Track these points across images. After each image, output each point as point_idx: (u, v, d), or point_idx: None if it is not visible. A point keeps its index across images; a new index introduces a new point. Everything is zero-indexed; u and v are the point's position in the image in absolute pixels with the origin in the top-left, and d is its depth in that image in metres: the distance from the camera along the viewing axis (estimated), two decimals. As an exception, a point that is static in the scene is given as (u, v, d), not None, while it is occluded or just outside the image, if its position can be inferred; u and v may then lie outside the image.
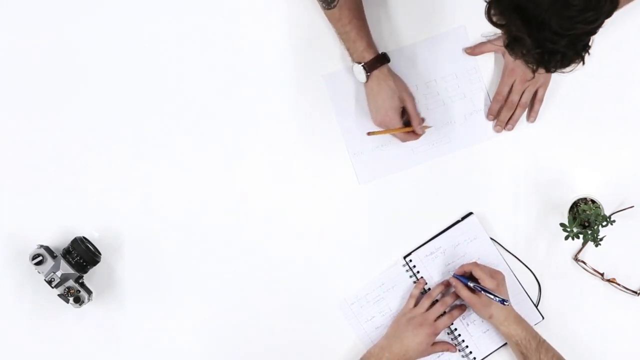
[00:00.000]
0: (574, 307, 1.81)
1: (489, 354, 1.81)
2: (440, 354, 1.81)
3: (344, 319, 1.82)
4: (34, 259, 1.73)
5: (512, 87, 1.79)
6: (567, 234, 1.69)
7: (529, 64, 1.34)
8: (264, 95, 1.83)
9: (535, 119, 1.82)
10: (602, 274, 1.79)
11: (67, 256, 1.75)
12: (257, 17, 1.83)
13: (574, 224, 1.69)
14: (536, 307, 1.81)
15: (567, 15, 1.25)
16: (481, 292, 1.73)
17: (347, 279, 1.82)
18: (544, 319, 1.81)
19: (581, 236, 1.69)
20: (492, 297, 1.71)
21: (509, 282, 1.78)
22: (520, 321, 1.74)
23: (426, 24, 1.82)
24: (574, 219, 1.74)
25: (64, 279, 1.74)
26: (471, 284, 1.75)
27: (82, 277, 1.77)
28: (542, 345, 1.72)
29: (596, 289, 1.81)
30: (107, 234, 1.82)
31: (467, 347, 1.80)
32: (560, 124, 1.83)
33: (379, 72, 1.73)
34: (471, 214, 1.82)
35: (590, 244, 1.71)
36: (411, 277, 1.82)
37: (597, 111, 1.83)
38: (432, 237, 1.82)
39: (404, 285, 1.82)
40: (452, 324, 1.80)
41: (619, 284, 1.79)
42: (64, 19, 1.83)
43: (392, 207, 1.83)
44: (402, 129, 1.76)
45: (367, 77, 1.73)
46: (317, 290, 1.82)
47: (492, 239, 1.82)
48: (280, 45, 1.83)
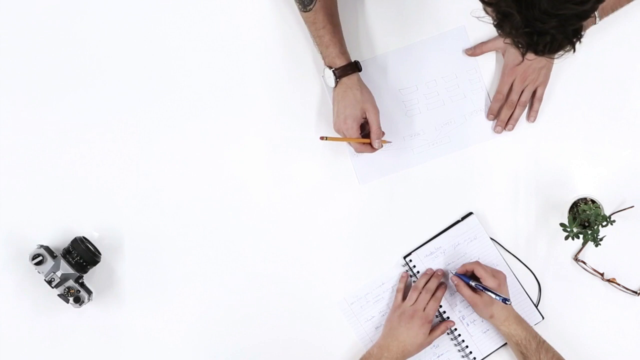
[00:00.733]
0: (574, 307, 1.81)
1: (489, 354, 1.81)
2: (439, 354, 1.81)
3: (344, 319, 1.82)
4: (34, 259, 1.73)
5: (511, 86, 1.79)
6: (567, 234, 1.69)
7: (519, 46, 1.33)
8: (264, 95, 1.83)
9: (535, 119, 1.82)
10: (602, 274, 1.79)
11: (67, 256, 1.75)
12: (258, 16, 1.83)
13: (574, 224, 1.69)
14: (536, 307, 1.81)
15: None
16: (483, 291, 1.73)
17: (347, 279, 1.82)
18: (544, 319, 1.81)
19: (581, 236, 1.69)
20: (494, 296, 1.71)
21: (509, 282, 1.78)
22: (520, 321, 1.74)
23: (426, 24, 1.82)
24: (574, 219, 1.74)
25: (64, 279, 1.74)
26: (473, 283, 1.75)
27: (82, 277, 1.77)
28: (542, 345, 1.72)
29: (596, 289, 1.81)
30: (107, 234, 1.82)
31: (467, 347, 1.80)
32: (560, 124, 1.83)
33: (347, 80, 1.73)
34: (471, 214, 1.82)
35: (590, 244, 1.71)
36: (411, 276, 1.82)
37: (597, 111, 1.82)
38: (432, 237, 1.82)
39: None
40: (449, 318, 1.80)
41: (619, 284, 1.79)
42: (56, 22, 1.83)
43: (392, 207, 1.83)
44: (358, 139, 1.74)
45: (336, 82, 1.73)
46: (317, 289, 1.82)
47: (492, 239, 1.82)
48: (281, 44, 1.83)
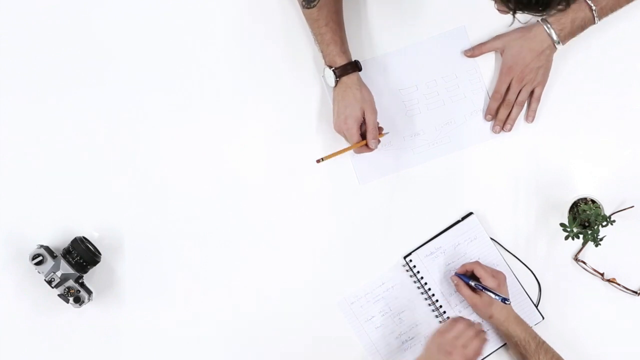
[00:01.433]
0: (574, 307, 1.81)
1: (489, 354, 1.80)
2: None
3: (343, 319, 1.82)
4: (34, 259, 1.73)
5: (509, 85, 1.79)
6: (567, 234, 1.69)
7: (508, 3, 1.32)
8: (264, 95, 1.83)
9: (533, 119, 1.82)
10: (602, 274, 1.79)
11: (67, 256, 1.75)
12: (258, 16, 1.83)
13: (574, 224, 1.69)
14: (536, 307, 1.81)
15: None
16: (482, 290, 1.73)
17: (347, 279, 1.82)
18: (544, 319, 1.81)
19: (581, 236, 1.69)
20: (494, 295, 1.71)
21: (509, 282, 1.78)
22: (520, 322, 1.74)
23: (426, 24, 1.82)
24: (574, 219, 1.74)
25: (64, 279, 1.74)
26: (472, 283, 1.75)
27: (82, 277, 1.77)
28: (541, 346, 1.72)
29: (596, 289, 1.81)
30: (107, 234, 1.82)
31: (467, 347, 1.81)
32: (560, 124, 1.83)
33: (347, 79, 1.73)
34: (471, 214, 1.82)
35: (590, 244, 1.71)
36: (411, 276, 1.82)
37: (597, 111, 1.82)
38: (432, 237, 1.82)
39: (404, 285, 1.82)
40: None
41: (619, 284, 1.79)
42: (54, 23, 1.83)
43: (392, 207, 1.83)
44: (355, 145, 1.74)
45: (336, 82, 1.73)
46: (317, 289, 1.82)
47: (492, 239, 1.82)
48: (281, 44, 1.83)
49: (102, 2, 1.83)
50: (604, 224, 1.70)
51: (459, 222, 1.82)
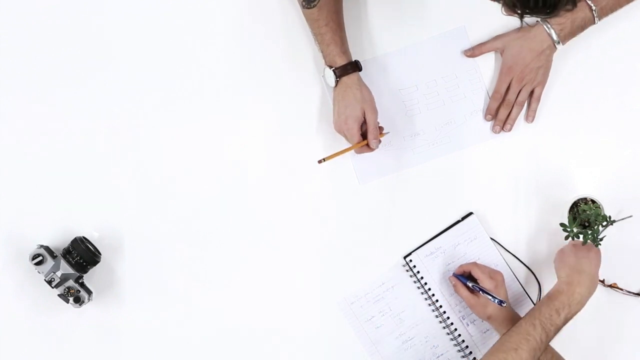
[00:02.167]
0: (573, 307, 1.81)
1: (489, 354, 1.81)
2: (439, 354, 1.81)
3: (343, 319, 1.82)
4: (34, 259, 1.73)
5: (509, 85, 1.79)
6: (567, 234, 1.69)
7: (514, 7, 1.32)
8: (264, 95, 1.83)
9: (533, 119, 1.82)
10: (602, 281, 1.78)
11: (67, 256, 1.75)
12: (258, 15, 1.83)
13: (574, 224, 1.69)
14: (536, 307, 1.81)
15: None
16: (479, 292, 1.73)
17: (347, 279, 1.82)
18: (544, 319, 1.81)
19: (581, 236, 1.69)
20: (490, 298, 1.71)
21: (509, 282, 1.78)
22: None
23: (426, 24, 1.82)
24: (574, 219, 1.74)
25: (64, 279, 1.74)
26: (470, 284, 1.75)
27: (82, 277, 1.77)
28: (541, 346, 1.72)
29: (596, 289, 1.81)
30: (107, 234, 1.82)
31: (467, 347, 1.80)
32: (560, 124, 1.83)
33: (347, 79, 1.72)
34: (471, 214, 1.82)
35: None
36: (411, 276, 1.82)
37: (597, 111, 1.82)
38: (432, 237, 1.82)
39: (404, 285, 1.82)
40: (452, 323, 1.79)
41: (621, 289, 1.79)
42: (53, 23, 1.83)
43: (392, 207, 1.83)
44: (356, 145, 1.74)
45: (336, 82, 1.73)
46: (317, 289, 1.82)
47: (492, 239, 1.82)
48: (281, 44, 1.83)
49: (102, 2, 1.83)
50: (604, 224, 1.70)
51: (459, 222, 1.82)
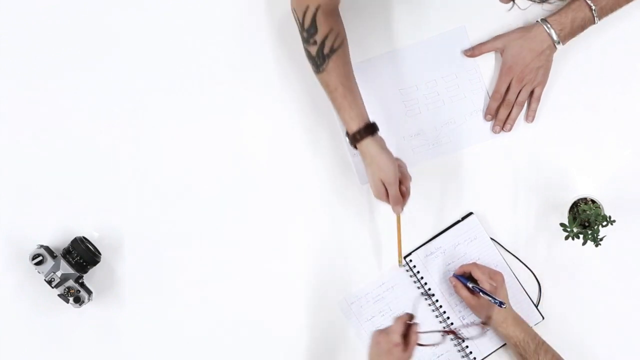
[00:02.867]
0: (574, 307, 1.81)
1: (489, 354, 1.81)
2: (439, 354, 1.81)
3: (343, 319, 1.82)
4: (34, 259, 1.74)
5: (509, 85, 1.79)
6: (567, 234, 1.69)
7: None
8: (264, 95, 1.83)
9: (533, 119, 1.82)
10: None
11: (67, 256, 1.75)
12: (261, 15, 1.83)
13: (574, 224, 1.69)
14: (536, 307, 1.81)
15: None
16: (479, 293, 1.73)
17: (347, 279, 1.82)
18: (544, 319, 1.81)
19: (581, 236, 1.69)
20: (490, 299, 1.71)
21: (509, 282, 1.78)
22: (519, 322, 1.74)
23: (426, 24, 1.82)
24: (574, 219, 1.74)
25: (64, 279, 1.74)
26: (470, 285, 1.75)
27: (82, 277, 1.77)
28: (541, 347, 1.72)
29: (596, 289, 1.81)
30: (107, 234, 1.82)
31: (467, 347, 1.80)
32: (560, 124, 1.83)
33: (362, 147, 1.67)
34: (471, 214, 1.82)
35: (590, 244, 1.71)
36: (411, 276, 1.82)
37: (597, 111, 1.82)
38: (432, 237, 1.82)
39: (404, 285, 1.82)
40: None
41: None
42: (51, 23, 1.83)
43: (392, 207, 1.83)
44: (399, 222, 1.74)
45: (355, 148, 1.69)
46: (317, 289, 1.82)
47: (492, 239, 1.82)
48: (281, 43, 1.83)
49: (102, 1, 1.83)
50: (604, 224, 1.70)
51: (458, 222, 1.82)
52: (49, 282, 1.74)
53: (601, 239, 1.69)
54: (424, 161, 1.83)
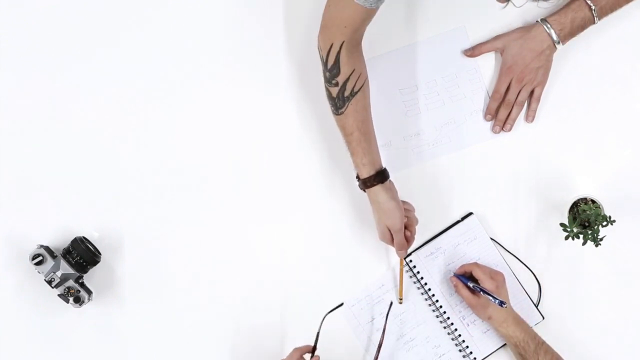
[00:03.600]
0: (574, 307, 1.81)
1: (490, 354, 1.80)
2: (441, 354, 1.81)
3: (343, 320, 1.82)
4: (34, 259, 1.74)
5: (509, 85, 1.79)
6: (567, 234, 1.69)
7: None
8: (264, 95, 1.83)
9: (533, 119, 1.82)
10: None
11: (67, 256, 1.75)
12: (261, 15, 1.83)
13: (574, 224, 1.69)
14: (536, 307, 1.81)
15: None
16: (480, 292, 1.73)
17: (347, 280, 1.82)
18: (544, 319, 1.81)
19: (581, 236, 1.69)
20: (491, 298, 1.71)
21: (509, 282, 1.78)
22: (519, 322, 1.74)
23: (426, 24, 1.82)
24: (574, 219, 1.74)
25: (64, 279, 1.74)
26: (471, 284, 1.75)
27: (82, 277, 1.77)
28: (541, 347, 1.72)
29: (596, 289, 1.81)
30: (107, 234, 1.82)
31: (467, 347, 1.80)
32: (560, 124, 1.83)
33: (370, 193, 1.69)
34: (471, 214, 1.82)
35: (590, 244, 1.71)
36: (411, 277, 1.82)
37: (597, 111, 1.83)
38: (432, 237, 1.82)
39: (404, 285, 1.82)
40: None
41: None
42: (50, 23, 1.84)
43: (392, 207, 1.83)
44: (402, 267, 1.79)
45: (365, 191, 1.71)
46: (317, 291, 1.82)
47: (492, 239, 1.82)
48: (281, 43, 1.83)
49: (102, 2, 1.83)
50: (604, 224, 1.69)
51: (458, 222, 1.82)
52: (49, 282, 1.74)
53: (601, 239, 1.69)
54: (423, 161, 1.83)
